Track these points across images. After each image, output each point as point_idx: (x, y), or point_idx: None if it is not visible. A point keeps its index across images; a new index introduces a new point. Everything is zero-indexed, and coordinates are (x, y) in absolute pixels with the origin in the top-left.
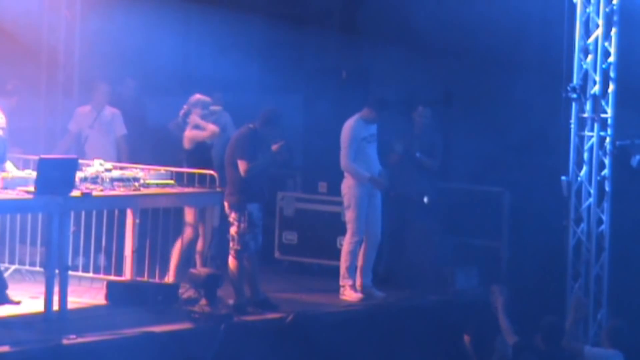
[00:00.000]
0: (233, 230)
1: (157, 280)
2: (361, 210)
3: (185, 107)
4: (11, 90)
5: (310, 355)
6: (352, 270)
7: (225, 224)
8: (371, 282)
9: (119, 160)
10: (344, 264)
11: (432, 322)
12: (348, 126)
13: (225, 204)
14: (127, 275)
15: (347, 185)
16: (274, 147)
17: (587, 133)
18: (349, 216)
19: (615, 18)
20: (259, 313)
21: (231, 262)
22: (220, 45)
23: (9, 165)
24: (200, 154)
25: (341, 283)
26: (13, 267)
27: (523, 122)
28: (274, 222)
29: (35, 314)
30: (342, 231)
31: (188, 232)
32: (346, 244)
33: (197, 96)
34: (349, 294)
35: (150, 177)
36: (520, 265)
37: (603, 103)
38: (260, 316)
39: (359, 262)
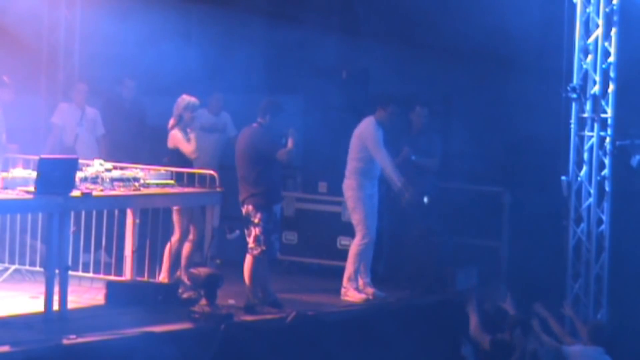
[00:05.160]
0: (258, 231)
1: (157, 280)
2: (367, 210)
3: (175, 112)
4: (8, 82)
5: (310, 355)
6: (362, 272)
7: (224, 224)
8: (371, 281)
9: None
10: (351, 266)
11: (432, 322)
12: (371, 127)
13: (249, 206)
14: (127, 275)
15: (351, 188)
16: (290, 142)
17: (587, 133)
18: (357, 218)
19: (615, 18)
20: (266, 313)
21: (252, 262)
22: (219, 45)
23: None
24: (181, 154)
25: (345, 284)
26: (13, 267)
27: (523, 122)
28: None
29: (35, 314)
30: (342, 231)
31: (178, 232)
32: (355, 245)
33: (186, 99)
34: (353, 295)
35: (150, 177)
36: (520, 265)
37: (603, 103)
38: (260, 316)
39: None
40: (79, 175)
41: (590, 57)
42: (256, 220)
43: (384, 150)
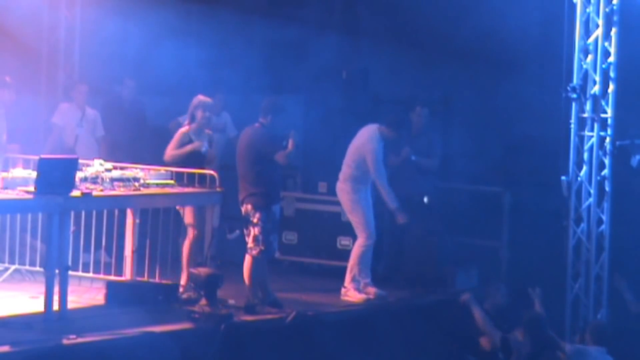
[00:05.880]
0: (257, 231)
1: (157, 280)
2: (365, 211)
3: (189, 111)
4: (10, 82)
5: (310, 355)
6: (363, 273)
7: (224, 224)
8: (372, 281)
9: None
10: (355, 267)
11: (432, 322)
12: (373, 142)
13: (248, 206)
14: (127, 275)
15: (345, 191)
16: (290, 144)
17: (587, 133)
18: (356, 221)
19: (615, 18)
20: (266, 313)
21: (251, 262)
22: (219, 45)
23: None
24: (194, 153)
25: (346, 284)
26: (13, 267)
27: (523, 122)
28: None
29: (35, 314)
30: (342, 231)
31: (191, 231)
32: (359, 247)
33: (200, 98)
34: (353, 295)
35: (150, 177)
36: (520, 265)
37: (603, 103)
38: (260, 316)
39: None
40: (79, 175)
41: (590, 57)
42: (255, 220)
43: (382, 170)
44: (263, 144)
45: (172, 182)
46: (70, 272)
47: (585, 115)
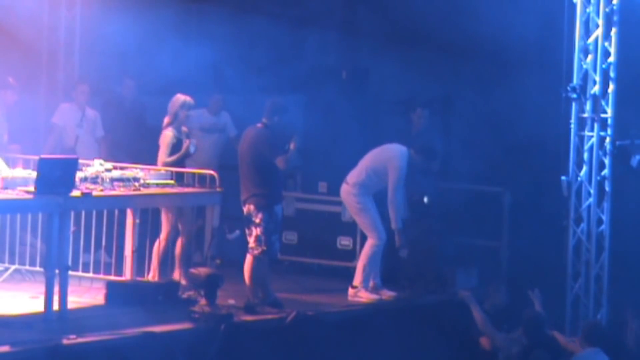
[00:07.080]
0: (259, 231)
1: (157, 280)
2: (373, 212)
3: (170, 111)
4: (13, 84)
5: (310, 355)
6: (373, 273)
7: (224, 224)
8: (381, 281)
9: None
10: (367, 267)
11: (432, 322)
12: (403, 163)
13: (250, 206)
14: (127, 275)
15: (352, 194)
16: (292, 146)
17: (587, 133)
18: (365, 222)
19: (615, 18)
20: (266, 313)
21: (252, 262)
22: (220, 45)
23: None
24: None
25: (356, 284)
26: (13, 267)
27: (523, 122)
28: None
29: (35, 314)
30: (342, 231)
31: (166, 232)
32: (369, 246)
33: (181, 98)
34: (365, 295)
35: (150, 177)
36: (520, 265)
37: (603, 103)
38: (260, 316)
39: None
40: (79, 175)
41: (590, 57)
42: (257, 220)
43: (400, 190)
44: (265, 147)
45: (172, 182)
46: (70, 272)
47: (585, 115)
